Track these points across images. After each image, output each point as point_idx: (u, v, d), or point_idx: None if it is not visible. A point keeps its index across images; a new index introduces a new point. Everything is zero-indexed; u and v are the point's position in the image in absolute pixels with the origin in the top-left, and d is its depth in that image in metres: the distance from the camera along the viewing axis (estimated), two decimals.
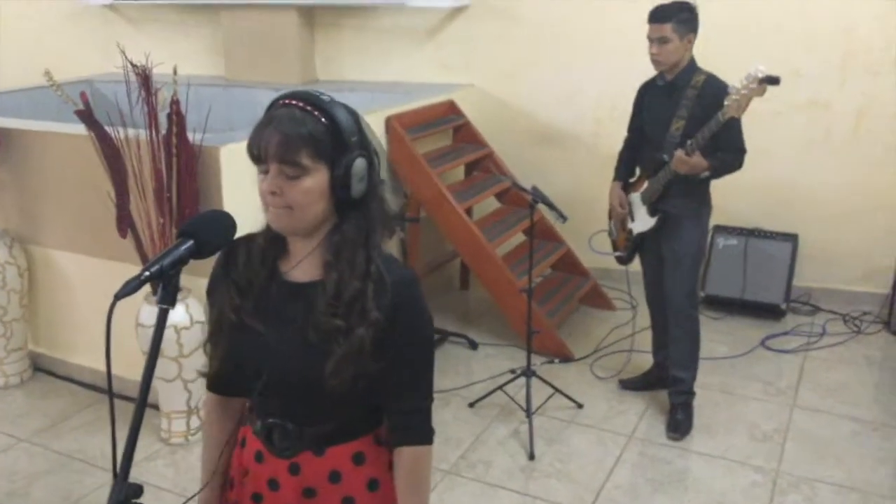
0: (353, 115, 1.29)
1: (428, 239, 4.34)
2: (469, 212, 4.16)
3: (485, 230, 4.05)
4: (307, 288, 1.31)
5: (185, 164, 2.89)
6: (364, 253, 1.29)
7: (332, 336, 1.26)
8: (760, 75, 2.68)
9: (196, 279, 3.01)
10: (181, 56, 3.80)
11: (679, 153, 2.91)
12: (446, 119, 4.50)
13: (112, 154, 2.87)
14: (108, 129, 2.91)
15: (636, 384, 3.56)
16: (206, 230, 1.21)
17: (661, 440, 3.18)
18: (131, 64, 2.74)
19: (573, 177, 4.66)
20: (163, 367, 3.02)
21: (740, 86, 2.72)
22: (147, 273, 1.11)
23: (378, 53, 5.09)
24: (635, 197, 3.28)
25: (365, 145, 1.29)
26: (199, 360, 2.98)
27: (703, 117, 2.91)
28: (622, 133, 4.56)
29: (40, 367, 3.76)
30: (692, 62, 3.03)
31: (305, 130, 1.22)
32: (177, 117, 2.86)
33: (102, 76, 5.21)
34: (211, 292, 1.41)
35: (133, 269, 1.15)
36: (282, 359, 1.30)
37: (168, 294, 1.14)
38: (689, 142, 2.89)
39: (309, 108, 1.24)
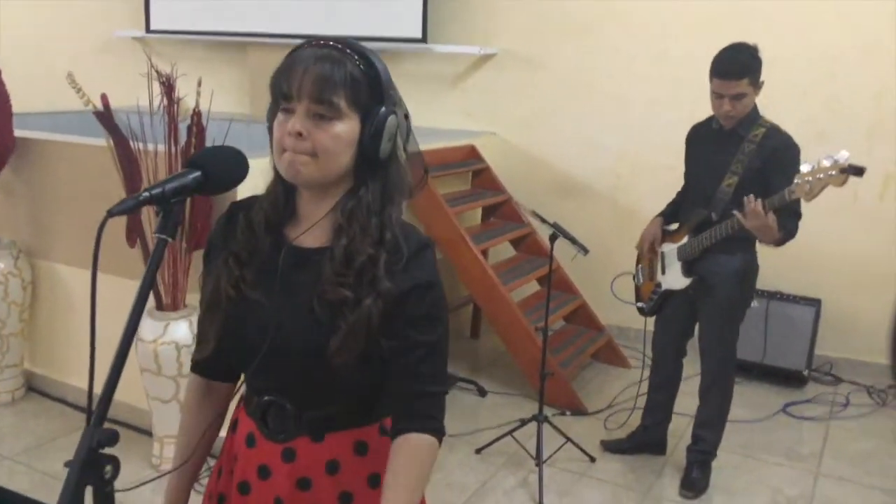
0: (387, 70, 1.20)
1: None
2: (484, 255, 4.07)
3: (499, 275, 3.95)
4: (316, 254, 1.19)
5: None
6: (378, 220, 1.17)
7: (339, 308, 1.14)
8: (845, 163, 2.38)
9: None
10: (207, 93, 3.80)
11: (755, 205, 2.56)
12: (466, 163, 4.46)
13: (128, 160, 2.82)
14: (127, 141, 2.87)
15: (620, 446, 3.32)
16: (217, 163, 1.10)
17: (679, 499, 2.99)
18: (156, 71, 2.71)
19: (592, 229, 4.56)
20: (159, 386, 2.89)
21: (817, 168, 2.45)
22: (147, 193, 1.01)
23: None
24: (670, 249, 3.05)
25: (399, 104, 1.19)
26: None
27: (761, 171, 2.70)
28: (642, 188, 4.55)
29: (34, 388, 3.62)
30: (755, 109, 2.79)
31: (345, 71, 1.13)
32: (197, 128, 2.83)
33: (127, 108, 5.22)
34: (207, 261, 1.29)
35: (137, 286, 1.04)
36: (284, 331, 1.17)
37: (168, 224, 1.04)
38: (767, 199, 2.58)
39: (348, 50, 1.15)
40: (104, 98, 2.82)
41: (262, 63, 5.17)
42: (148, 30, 5.47)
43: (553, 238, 3.11)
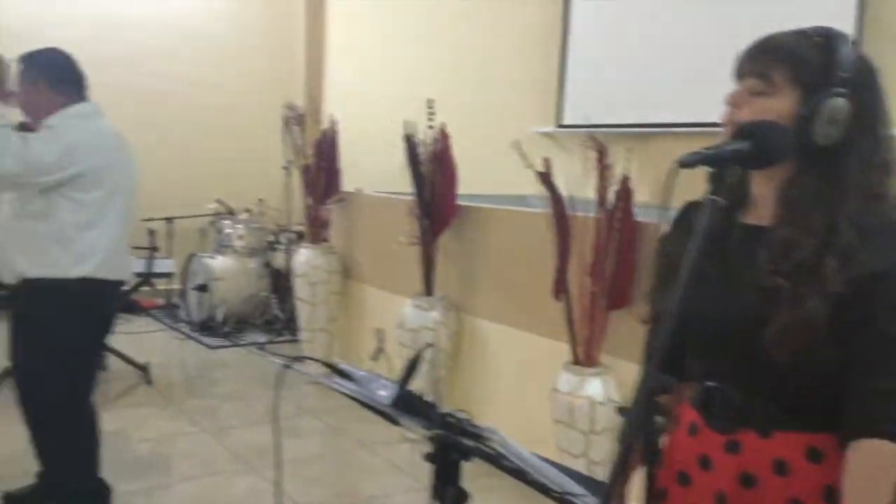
0: (865, 61, 1.13)
1: None
2: None
3: None
4: (757, 232, 1.16)
5: (627, 239, 2.93)
6: (823, 215, 1.09)
7: (771, 297, 1.08)
8: None
9: (618, 360, 2.98)
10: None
11: None
12: None
13: (561, 218, 3.04)
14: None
15: None
16: (765, 133, 1.09)
17: None
18: (592, 139, 2.91)
19: None
20: (569, 440, 2.97)
21: None
22: (711, 152, 1.05)
23: None
24: None
25: (864, 93, 1.10)
26: (607, 444, 2.88)
27: None
28: None
29: None
30: None
31: (789, 46, 1.11)
32: (624, 193, 2.96)
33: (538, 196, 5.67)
34: (663, 245, 1.32)
35: (555, 345, 1.11)
36: (722, 306, 1.15)
37: (721, 187, 1.06)
38: None
39: (810, 32, 1.13)
40: (546, 161, 3.10)
41: (663, 152, 5.26)
42: (558, 125, 5.94)
43: None
